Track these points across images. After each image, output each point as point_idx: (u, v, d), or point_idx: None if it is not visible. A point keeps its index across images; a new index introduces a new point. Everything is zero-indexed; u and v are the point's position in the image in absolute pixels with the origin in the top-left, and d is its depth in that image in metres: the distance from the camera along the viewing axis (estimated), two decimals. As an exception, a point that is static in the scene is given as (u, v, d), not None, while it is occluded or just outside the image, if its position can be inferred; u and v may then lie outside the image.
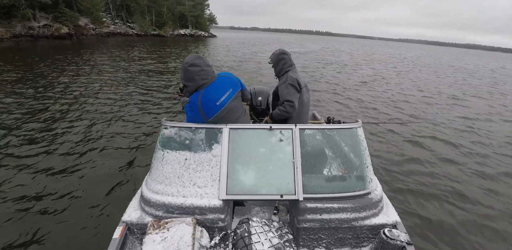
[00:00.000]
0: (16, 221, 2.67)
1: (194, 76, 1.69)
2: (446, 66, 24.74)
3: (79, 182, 3.35)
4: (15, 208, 2.83)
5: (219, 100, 1.74)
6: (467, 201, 3.44)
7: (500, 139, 5.86)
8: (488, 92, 12.21)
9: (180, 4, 49.68)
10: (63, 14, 26.98)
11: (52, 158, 3.87)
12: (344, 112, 7.20)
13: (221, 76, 1.83)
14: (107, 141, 4.54)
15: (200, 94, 1.72)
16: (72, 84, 8.43)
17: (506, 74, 22.16)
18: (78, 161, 3.82)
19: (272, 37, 78.91)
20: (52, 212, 2.81)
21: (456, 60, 37.09)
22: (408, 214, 3.09)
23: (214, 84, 1.76)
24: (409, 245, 1.47)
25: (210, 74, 1.74)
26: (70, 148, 4.17)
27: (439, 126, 6.45)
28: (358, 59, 24.28)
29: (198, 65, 1.69)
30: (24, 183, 3.26)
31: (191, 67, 1.68)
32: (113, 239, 1.47)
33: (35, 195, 3.06)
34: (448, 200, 3.42)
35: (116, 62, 13.79)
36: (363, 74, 14.62)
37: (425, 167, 4.28)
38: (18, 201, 2.95)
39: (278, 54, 2.40)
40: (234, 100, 1.83)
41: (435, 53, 60.93)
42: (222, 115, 1.78)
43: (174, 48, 24.07)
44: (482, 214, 3.19)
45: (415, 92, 10.79)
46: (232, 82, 1.84)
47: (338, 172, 1.93)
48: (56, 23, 26.12)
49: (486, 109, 8.82)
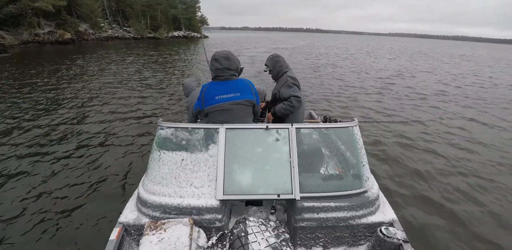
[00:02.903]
0: (11, 223, 2.65)
1: (212, 68, 1.89)
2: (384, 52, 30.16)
3: (75, 183, 3.33)
4: (9, 211, 2.81)
5: (219, 95, 1.86)
6: (465, 199, 3.46)
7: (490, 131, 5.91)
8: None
9: (173, 8, 51.65)
10: (65, 21, 28.87)
11: (47, 160, 3.84)
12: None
13: (238, 80, 1.93)
14: (102, 142, 4.52)
15: (208, 85, 1.90)
16: (76, 83, 8.68)
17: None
18: (74, 163, 3.80)
19: (262, 36, 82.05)
20: (47, 214, 2.79)
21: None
22: (405, 212, 3.11)
23: (226, 82, 1.88)
24: (405, 243, 1.48)
25: (225, 73, 1.86)
26: (65, 149, 4.15)
27: (435, 122, 6.50)
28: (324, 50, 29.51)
29: (220, 63, 1.84)
30: (20, 183, 3.24)
31: (214, 61, 1.87)
32: (110, 241, 1.46)
33: (30, 196, 3.04)
34: (445, 198, 3.44)
35: (117, 63, 14.50)
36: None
37: (422, 165, 4.30)
38: (14, 203, 2.92)
39: (273, 57, 2.49)
40: (236, 104, 1.88)
41: (407, 43, 69.54)
42: (216, 110, 1.87)
43: (169, 49, 25.52)
44: (480, 212, 3.21)
45: (350, 74, 13.47)
46: (244, 89, 1.91)
47: (335, 171, 1.93)
48: (59, 29, 28.10)
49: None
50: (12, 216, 2.73)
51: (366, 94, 9.16)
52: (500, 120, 6.87)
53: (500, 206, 3.34)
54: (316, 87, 9.84)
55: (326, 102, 7.87)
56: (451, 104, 8.31)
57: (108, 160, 3.94)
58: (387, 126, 5.99)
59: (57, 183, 3.33)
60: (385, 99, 8.54)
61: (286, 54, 21.53)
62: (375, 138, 5.26)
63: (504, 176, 4.11)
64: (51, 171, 3.56)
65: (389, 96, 8.98)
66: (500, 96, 9.71)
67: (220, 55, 1.85)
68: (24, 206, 2.88)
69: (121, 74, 11.09)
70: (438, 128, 6.12)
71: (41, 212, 2.82)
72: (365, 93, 9.29)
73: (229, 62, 1.85)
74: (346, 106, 7.62)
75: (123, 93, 7.86)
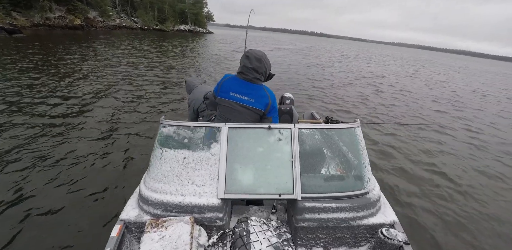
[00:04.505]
0: (13, 220, 2.65)
1: (241, 63, 1.84)
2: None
3: (76, 180, 3.33)
4: (11, 207, 2.82)
5: (234, 93, 1.84)
6: (467, 201, 3.46)
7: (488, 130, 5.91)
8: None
9: (181, 2, 52.89)
10: (75, 7, 30.27)
11: (48, 155, 3.85)
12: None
13: (260, 86, 1.86)
14: (104, 138, 4.52)
15: (231, 77, 1.87)
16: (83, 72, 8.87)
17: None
18: (75, 159, 3.80)
19: (266, 36, 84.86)
20: (49, 211, 2.79)
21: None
22: (406, 214, 3.11)
23: (247, 84, 1.83)
24: (406, 244, 1.48)
25: (250, 74, 1.81)
26: (65, 145, 4.15)
27: (437, 125, 6.49)
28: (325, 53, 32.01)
29: (250, 62, 1.79)
30: (20, 179, 3.24)
31: (245, 58, 1.81)
32: (111, 238, 1.47)
33: (31, 193, 3.04)
34: (447, 200, 3.44)
35: (127, 52, 15.45)
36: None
37: (424, 167, 4.30)
38: (15, 200, 2.93)
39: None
40: (247, 110, 1.85)
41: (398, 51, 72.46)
42: (225, 105, 1.86)
43: (178, 41, 27.85)
44: (482, 214, 3.21)
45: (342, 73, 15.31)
46: (261, 98, 1.84)
47: (336, 171, 1.93)
48: (69, 15, 29.56)
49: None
50: (9, 214, 2.73)
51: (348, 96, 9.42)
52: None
53: (502, 207, 3.34)
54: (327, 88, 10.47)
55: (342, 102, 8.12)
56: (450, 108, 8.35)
57: (110, 157, 3.94)
58: (389, 128, 5.98)
59: (57, 179, 3.33)
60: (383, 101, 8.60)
61: (286, 55, 23.04)
62: (376, 140, 5.26)
63: (508, 177, 4.11)
64: (51, 167, 3.56)
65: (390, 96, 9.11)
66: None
67: (253, 55, 1.79)
68: (23, 201, 2.89)
69: (124, 66, 11.23)
70: (440, 131, 6.11)
71: (41, 207, 2.82)
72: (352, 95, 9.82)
73: (260, 64, 1.79)
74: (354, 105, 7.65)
75: (126, 88, 7.84)
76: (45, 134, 4.52)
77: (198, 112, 2.85)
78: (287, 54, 24.55)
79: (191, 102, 2.89)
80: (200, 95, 2.83)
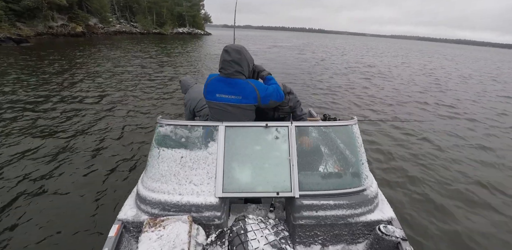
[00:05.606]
0: (10, 218, 2.64)
1: (220, 59, 1.76)
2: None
3: (74, 180, 3.33)
4: (9, 205, 2.81)
5: (219, 94, 1.76)
6: (465, 198, 3.48)
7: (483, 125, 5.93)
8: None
9: (178, 5, 53.71)
10: (76, 15, 31.30)
11: (47, 154, 3.83)
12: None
13: (243, 81, 1.73)
14: (101, 138, 4.51)
15: (214, 78, 1.79)
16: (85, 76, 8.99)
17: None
18: (72, 159, 3.79)
19: (264, 35, 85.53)
20: (46, 210, 2.79)
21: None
22: (404, 210, 3.12)
23: (230, 81, 1.72)
24: (404, 241, 1.49)
25: (231, 67, 1.70)
26: (63, 145, 4.14)
27: (434, 123, 6.51)
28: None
29: (229, 54, 1.70)
30: (18, 179, 3.23)
31: (224, 52, 1.73)
32: (109, 238, 1.46)
33: (29, 192, 3.04)
34: (444, 196, 3.46)
35: (126, 57, 15.56)
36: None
37: (422, 164, 4.31)
38: (12, 198, 2.92)
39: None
40: (238, 109, 1.77)
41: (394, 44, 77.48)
42: (215, 108, 1.81)
43: (176, 43, 28.10)
44: (479, 210, 3.23)
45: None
46: (248, 92, 1.71)
47: (334, 169, 1.93)
48: (71, 23, 30.55)
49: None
50: (8, 213, 2.72)
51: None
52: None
53: (499, 204, 3.37)
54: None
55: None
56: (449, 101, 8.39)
57: (107, 156, 3.93)
58: (385, 125, 6.00)
59: (55, 178, 3.32)
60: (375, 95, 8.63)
61: (281, 51, 24.04)
62: (373, 137, 5.27)
63: (506, 176, 4.13)
64: (49, 166, 3.55)
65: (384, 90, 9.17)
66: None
67: (231, 48, 1.71)
68: (21, 201, 2.88)
69: (126, 68, 11.32)
70: (438, 128, 6.14)
71: (38, 207, 2.82)
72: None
73: (239, 56, 1.69)
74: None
75: (125, 88, 7.82)
76: (45, 134, 4.50)
77: (194, 112, 2.84)
78: (283, 50, 24.99)
79: (187, 102, 2.88)
80: (196, 94, 2.82)
